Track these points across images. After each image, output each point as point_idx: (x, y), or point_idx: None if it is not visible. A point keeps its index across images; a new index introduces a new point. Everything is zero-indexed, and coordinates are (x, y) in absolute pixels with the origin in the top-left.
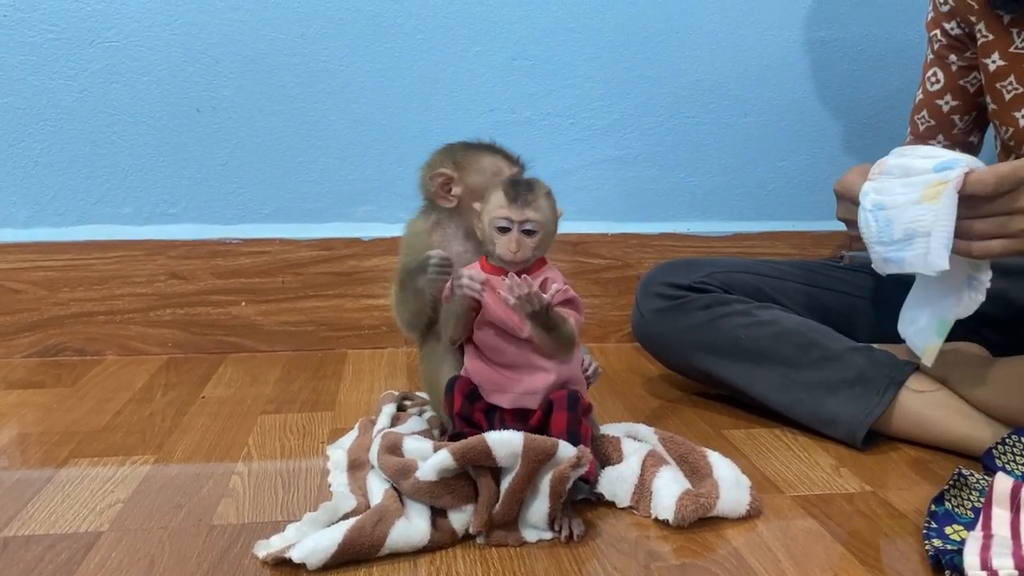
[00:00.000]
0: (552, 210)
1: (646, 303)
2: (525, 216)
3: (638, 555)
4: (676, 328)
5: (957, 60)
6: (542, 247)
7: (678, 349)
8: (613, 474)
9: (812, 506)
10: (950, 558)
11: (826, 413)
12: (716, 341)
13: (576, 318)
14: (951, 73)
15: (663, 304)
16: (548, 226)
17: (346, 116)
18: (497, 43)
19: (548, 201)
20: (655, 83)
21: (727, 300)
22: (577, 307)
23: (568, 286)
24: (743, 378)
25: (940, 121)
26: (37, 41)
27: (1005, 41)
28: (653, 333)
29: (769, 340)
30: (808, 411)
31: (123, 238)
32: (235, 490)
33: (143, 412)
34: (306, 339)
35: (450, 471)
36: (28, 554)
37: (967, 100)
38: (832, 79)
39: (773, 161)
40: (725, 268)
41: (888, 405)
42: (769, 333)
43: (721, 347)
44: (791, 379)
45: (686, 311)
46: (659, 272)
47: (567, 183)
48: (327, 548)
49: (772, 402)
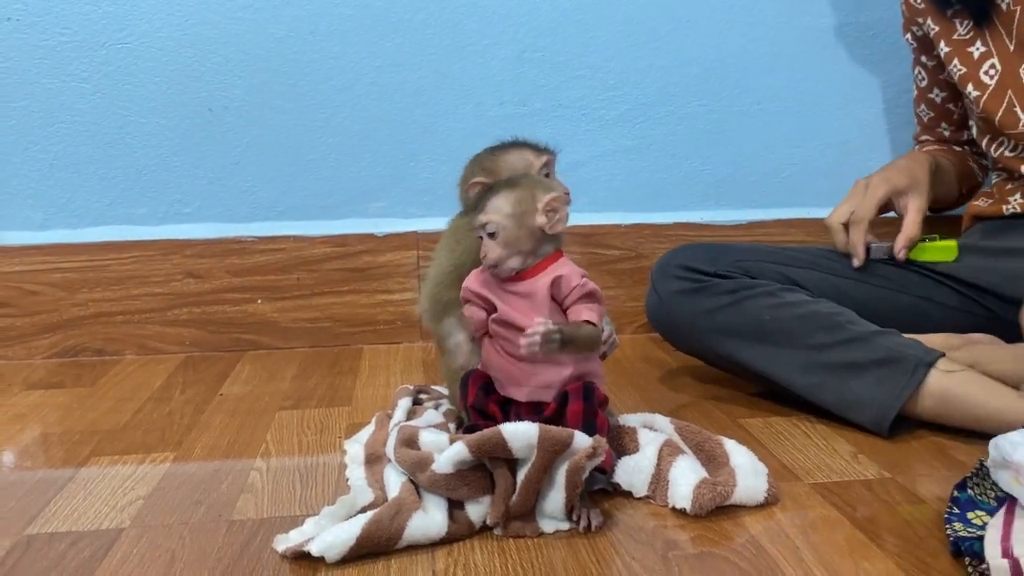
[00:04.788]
0: (515, 203)
1: (665, 285)
2: (481, 221)
3: (656, 544)
4: (697, 310)
5: (927, 60)
6: (513, 245)
7: (697, 332)
8: (630, 464)
9: (830, 493)
10: (970, 544)
11: (852, 395)
12: (739, 323)
13: (597, 310)
14: (929, 70)
15: (685, 286)
16: (508, 221)
17: (357, 112)
18: (506, 36)
19: (508, 197)
20: (666, 72)
21: (753, 284)
22: (597, 299)
23: (586, 279)
24: (765, 360)
25: (938, 112)
26: (50, 44)
27: (949, 30)
28: (671, 315)
29: (794, 321)
30: (832, 394)
31: (139, 238)
32: (254, 485)
33: (162, 410)
34: (322, 335)
35: (466, 463)
36: (52, 551)
37: (953, 90)
38: (845, 64)
39: (787, 148)
40: (749, 256)
41: (917, 387)
42: (795, 314)
43: (744, 329)
44: (816, 361)
45: (709, 295)
46: (678, 255)
47: (579, 174)
48: (345, 541)
49: (795, 385)
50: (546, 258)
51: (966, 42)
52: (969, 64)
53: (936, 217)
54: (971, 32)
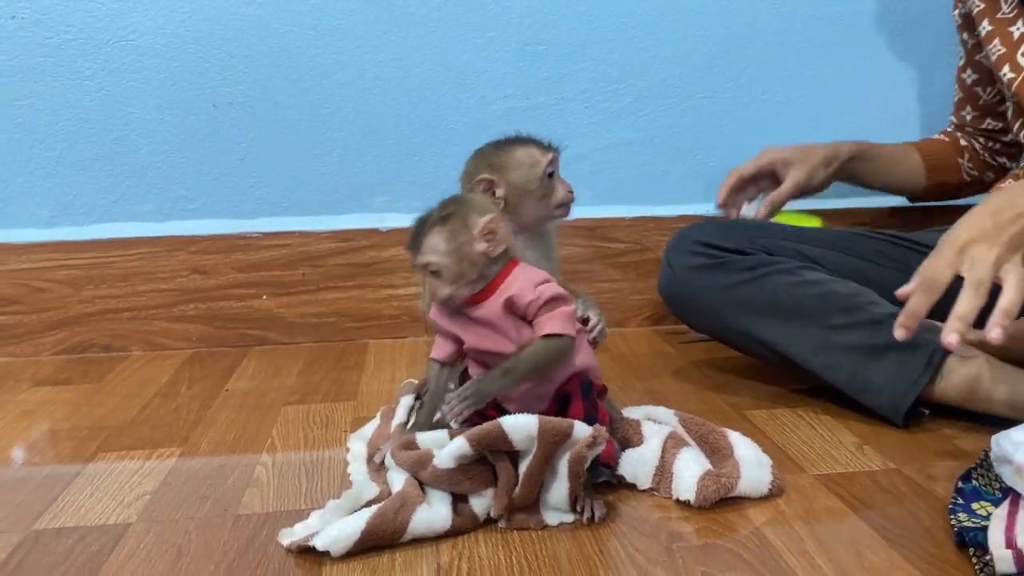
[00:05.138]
0: (449, 238)
1: (680, 260)
2: (419, 263)
3: (660, 536)
4: (713, 286)
5: (968, 38)
6: (459, 278)
7: (713, 308)
8: (634, 456)
9: (835, 484)
10: (974, 535)
11: (868, 379)
12: (757, 299)
13: (560, 316)
14: (968, 49)
15: (701, 262)
16: (447, 259)
17: (361, 107)
18: (509, 29)
19: (441, 234)
20: (670, 63)
21: (772, 261)
22: (558, 301)
23: (541, 287)
24: (782, 338)
25: (965, 94)
26: (54, 42)
27: (994, 8)
28: (686, 291)
29: (813, 300)
30: (848, 376)
31: (145, 235)
32: (260, 480)
33: (169, 406)
34: (328, 330)
35: (468, 457)
36: (59, 546)
37: (985, 73)
38: (850, 53)
39: (792, 139)
40: (767, 234)
41: (934, 375)
42: (814, 293)
43: (761, 306)
44: (833, 341)
45: (727, 270)
46: (694, 231)
47: (583, 167)
48: (350, 536)
49: (811, 364)
50: (497, 276)
51: (1009, 21)
52: (1008, 44)
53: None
54: (1015, 10)
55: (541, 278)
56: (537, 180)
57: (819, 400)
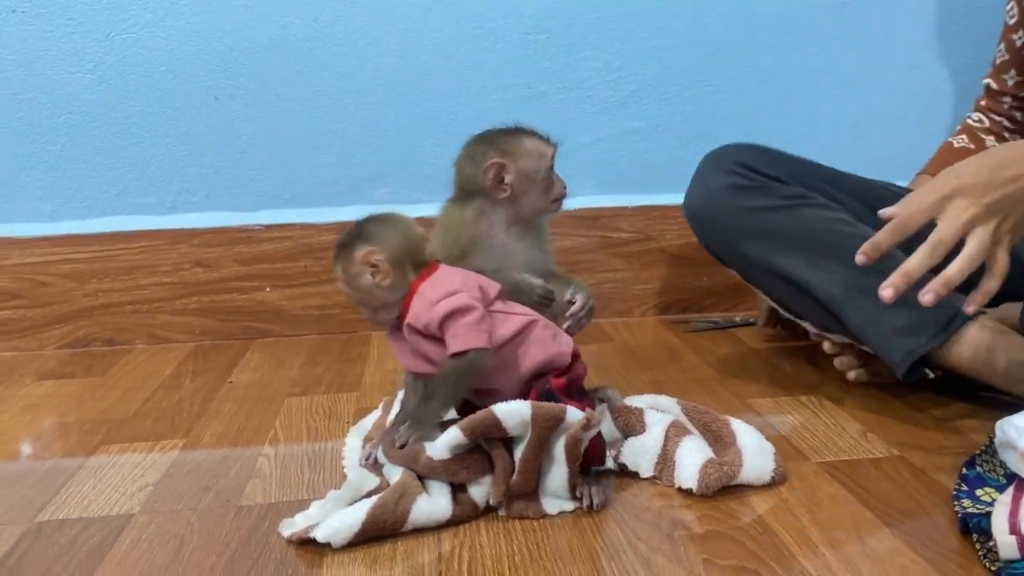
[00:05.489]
0: (342, 270)
1: (717, 179)
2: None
3: (662, 524)
4: (748, 207)
5: None
6: (366, 304)
7: (742, 230)
8: (636, 444)
9: (839, 472)
10: (977, 521)
11: (884, 326)
12: (789, 227)
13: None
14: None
15: (740, 181)
16: (347, 288)
17: (361, 98)
18: (511, 18)
19: (337, 264)
20: (673, 52)
21: (811, 195)
22: (460, 313)
23: (438, 304)
24: (807, 270)
25: (1013, 56)
26: (56, 35)
27: None
28: (719, 209)
29: (849, 239)
30: (865, 318)
31: (147, 228)
32: (262, 471)
33: (172, 399)
34: (331, 322)
35: (462, 447)
36: (62, 537)
37: None
38: (854, 41)
39: (795, 127)
40: (807, 172)
41: (949, 337)
42: (851, 233)
43: (793, 234)
44: (860, 283)
45: (765, 194)
46: (734, 151)
47: (586, 157)
48: (351, 527)
49: (834, 299)
50: (404, 300)
51: None
52: None
53: None
54: None
55: (442, 293)
56: (544, 171)
57: (824, 388)
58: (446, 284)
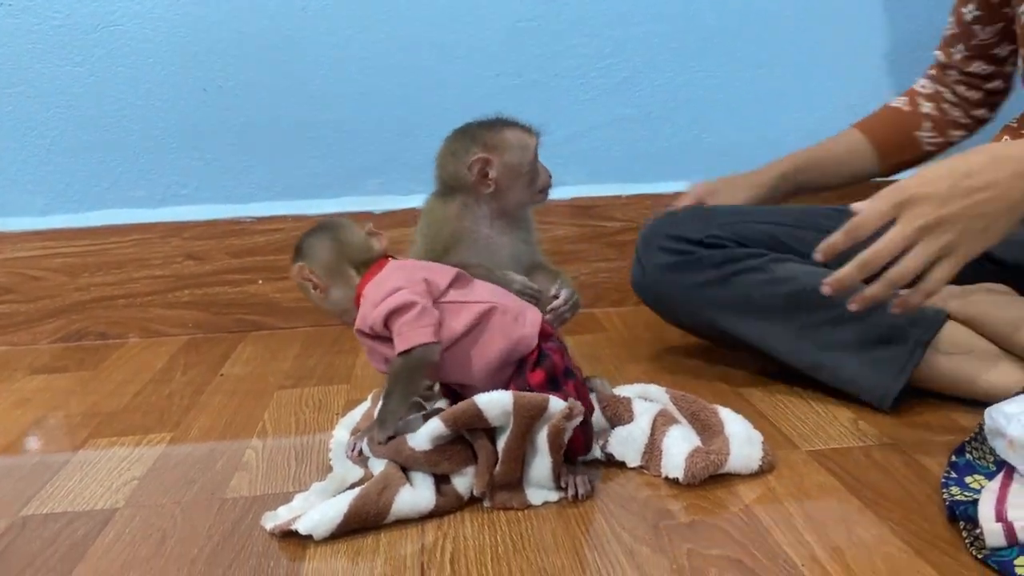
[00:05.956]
0: (295, 278)
1: (649, 258)
2: None
3: (647, 514)
4: (684, 284)
5: None
6: (324, 307)
7: (685, 305)
8: (623, 434)
9: (828, 460)
10: (964, 509)
11: (848, 376)
12: (729, 298)
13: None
14: None
15: (670, 259)
16: (307, 296)
17: (351, 89)
18: (500, 6)
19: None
20: (665, 38)
21: (740, 256)
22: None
23: (388, 298)
24: (760, 335)
25: (961, 30)
26: (43, 28)
27: None
28: (657, 290)
29: (784, 300)
30: (829, 374)
31: (138, 221)
32: (249, 464)
33: (162, 392)
34: (323, 314)
35: (444, 437)
36: (46, 531)
37: (990, 10)
38: (847, 25)
39: (790, 113)
40: (738, 218)
41: (914, 368)
42: (784, 292)
43: (735, 304)
44: (809, 339)
45: (696, 269)
46: (664, 224)
47: (578, 145)
48: (333, 519)
49: (792, 361)
50: (355, 302)
51: None
52: None
53: None
54: None
55: (384, 293)
56: (528, 164)
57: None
58: (388, 283)
